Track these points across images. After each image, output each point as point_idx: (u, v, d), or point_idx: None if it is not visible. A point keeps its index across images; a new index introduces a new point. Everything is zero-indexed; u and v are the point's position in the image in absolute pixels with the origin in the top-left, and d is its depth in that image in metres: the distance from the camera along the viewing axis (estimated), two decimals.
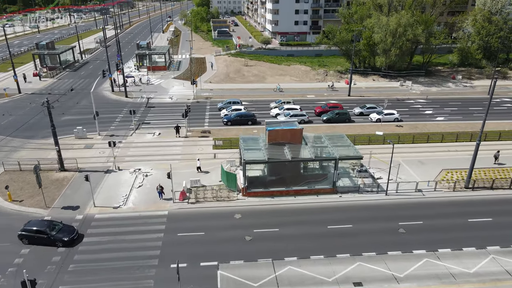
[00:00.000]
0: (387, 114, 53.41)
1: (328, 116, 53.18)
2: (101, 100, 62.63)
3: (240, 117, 52.56)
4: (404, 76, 77.83)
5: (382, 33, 71.17)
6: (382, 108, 56.42)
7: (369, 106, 56.73)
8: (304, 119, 52.48)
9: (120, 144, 44.94)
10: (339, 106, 56.66)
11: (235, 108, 54.87)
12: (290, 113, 52.43)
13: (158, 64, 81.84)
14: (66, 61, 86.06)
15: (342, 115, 53.24)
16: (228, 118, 52.29)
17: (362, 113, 56.12)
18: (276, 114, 54.21)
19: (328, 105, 56.49)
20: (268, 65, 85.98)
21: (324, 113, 55.18)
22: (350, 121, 53.65)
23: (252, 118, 52.55)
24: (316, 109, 56.36)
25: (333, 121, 52.85)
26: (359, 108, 56.83)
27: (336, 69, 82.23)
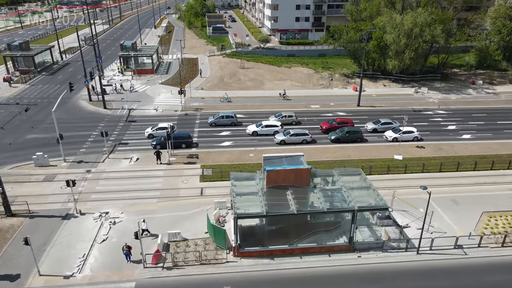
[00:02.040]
0: (405, 132, 45.71)
1: (337, 135, 45.50)
2: (76, 111, 54.74)
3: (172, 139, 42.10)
4: (418, 81, 70.00)
5: (395, 33, 63.13)
6: (398, 124, 48.77)
7: (384, 121, 49.04)
8: (307, 139, 44.85)
9: (88, 175, 37.23)
10: (350, 121, 48.97)
11: (162, 126, 45.33)
12: (290, 132, 44.83)
13: (145, 67, 73.73)
14: (44, 63, 77.83)
15: (353, 134, 45.53)
16: (157, 141, 42.65)
17: (376, 129, 48.46)
18: (253, 131, 46.56)
19: (336, 121, 48.82)
20: (267, 68, 77.91)
21: (332, 130, 47.57)
22: (363, 140, 45.97)
23: (187, 140, 43.39)
24: (322, 125, 48.71)
25: (342, 141, 45.21)
26: (373, 124, 49.15)
27: (342, 72, 74.23)
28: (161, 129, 45.29)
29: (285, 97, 60.59)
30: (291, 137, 44.46)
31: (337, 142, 45.20)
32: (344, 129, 45.87)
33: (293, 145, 44.13)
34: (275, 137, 45.02)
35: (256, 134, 46.57)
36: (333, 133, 46.27)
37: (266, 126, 46.83)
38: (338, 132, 45.94)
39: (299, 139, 44.58)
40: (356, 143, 45.26)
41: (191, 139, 44.18)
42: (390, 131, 46.88)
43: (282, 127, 47.15)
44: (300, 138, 44.56)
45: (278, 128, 46.71)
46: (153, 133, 45.51)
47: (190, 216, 30.96)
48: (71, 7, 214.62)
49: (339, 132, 45.81)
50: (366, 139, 46.47)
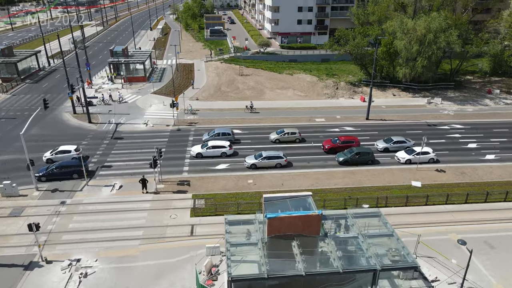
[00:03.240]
0: (420, 153, 40.67)
1: (345, 156, 40.54)
2: (57, 126, 49.82)
3: (60, 169, 35.98)
4: (430, 90, 65.11)
5: (406, 39, 58.25)
6: (412, 143, 43.91)
7: (396, 139, 44.09)
8: (281, 162, 39.51)
9: (62, 208, 32.34)
10: (355, 140, 43.89)
11: (63, 149, 39.36)
12: (262, 155, 39.50)
13: (137, 74, 68.77)
14: (29, 69, 72.92)
15: (364, 156, 40.54)
16: (42, 172, 35.99)
17: (387, 149, 43.61)
18: (197, 153, 41.17)
19: (340, 139, 43.68)
20: (267, 75, 72.98)
21: (335, 149, 42.66)
22: (374, 162, 41.13)
23: (78, 168, 35.95)
24: (324, 145, 43.64)
25: (351, 163, 40.32)
26: (384, 143, 44.24)
27: (348, 80, 69.31)
28: (62, 152, 38.99)
29: (253, 110, 54.90)
30: (263, 160, 39.05)
31: (346, 165, 40.28)
32: (353, 150, 40.84)
33: (264, 170, 39.06)
34: (245, 160, 39.63)
35: (201, 156, 41.05)
36: (341, 154, 41.36)
37: (212, 147, 41.03)
38: (346, 153, 41.00)
39: (272, 163, 39.20)
40: (367, 165, 40.39)
41: (82, 167, 35.34)
42: (403, 151, 41.94)
43: (231, 147, 41.67)
44: (273, 161, 39.17)
45: (226, 149, 41.18)
46: (52, 158, 39.09)
47: (176, 265, 26.08)
48: (65, 7, 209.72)
49: (348, 153, 40.86)
50: (378, 160, 41.57)
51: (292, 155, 41.95)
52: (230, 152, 41.42)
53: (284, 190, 35.32)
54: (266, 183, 36.61)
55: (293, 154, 42.17)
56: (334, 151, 42.72)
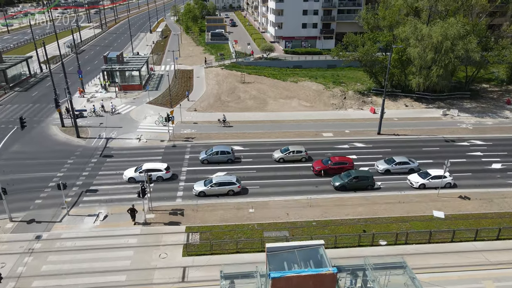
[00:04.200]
0: (436, 177, 36.52)
1: (342, 181, 36.08)
2: (43, 141, 45.92)
3: None
4: (444, 100, 60.86)
5: (420, 46, 54.08)
6: (416, 164, 39.76)
7: (399, 160, 39.63)
8: (234, 189, 35.00)
9: (36, 244, 28.41)
10: (349, 161, 39.34)
11: None
12: (213, 180, 35.06)
13: (132, 81, 64.87)
14: (20, 76, 69.24)
15: (363, 180, 36.14)
16: None
17: (389, 170, 39.29)
18: (129, 178, 36.57)
19: (332, 160, 39.20)
20: (270, 82, 68.94)
21: (327, 171, 38.41)
22: (373, 187, 36.66)
23: None
24: (314, 166, 39.23)
25: (349, 189, 35.94)
26: (385, 163, 39.78)
27: (356, 89, 65.19)
28: None
29: (226, 124, 50.61)
30: (214, 187, 34.64)
31: (343, 191, 35.89)
32: (350, 174, 36.39)
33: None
34: (194, 187, 35.03)
35: (134, 181, 36.31)
36: (337, 178, 36.85)
37: (146, 171, 34.51)
38: (343, 177, 36.51)
39: (224, 190, 34.80)
40: (366, 191, 36.02)
41: None
42: (416, 175, 37.60)
43: (169, 170, 37.08)
44: (226, 188, 34.73)
45: (162, 173, 36.59)
46: None
47: None
48: (65, 7, 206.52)
49: (345, 177, 36.37)
50: (379, 185, 37.10)
51: (283, 177, 37.95)
52: (167, 176, 36.67)
53: (290, 222, 31.34)
54: (269, 213, 32.58)
55: (285, 177, 38.17)
56: (325, 174, 38.44)
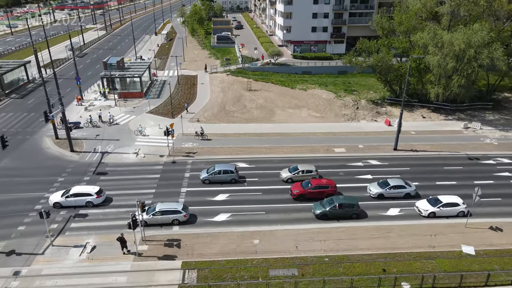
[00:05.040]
0: (447, 204, 32.59)
1: (323, 209, 32.05)
2: (34, 155, 42.86)
3: None
4: (464, 111, 56.78)
5: (440, 54, 50.20)
6: (413, 188, 35.75)
7: (394, 184, 35.56)
8: (179, 218, 31.08)
9: (13, 282, 25.26)
10: (331, 184, 35.24)
11: None
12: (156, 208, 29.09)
13: (134, 88, 61.77)
14: (18, 81, 66.57)
15: (347, 208, 32.14)
16: None
17: (382, 195, 35.33)
18: (54, 203, 32.76)
19: (312, 183, 35.19)
20: (278, 90, 65.40)
21: (305, 196, 34.59)
22: (360, 215, 32.61)
23: None
24: (293, 190, 35.24)
25: (331, 217, 32.02)
26: (378, 187, 35.73)
27: (369, 98, 61.42)
28: None
29: (204, 137, 47.01)
30: (156, 216, 30.82)
31: (325, 220, 31.92)
32: (333, 200, 32.38)
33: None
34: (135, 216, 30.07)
35: (60, 207, 32.79)
36: (318, 205, 32.87)
37: (74, 195, 32.59)
38: (325, 203, 32.49)
39: (168, 219, 31.08)
40: (351, 220, 32.00)
41: None
42: (425, 202, 33.52)
43: (100, 195, 33.13)
44: (169, 217, 31.01)
45: (92, 198, 32.66)
46: None
47: None
48: (72, 7, 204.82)
49: (327, 204, 32.33)
50: (366, 212, 32.97)
51: (291, 201, 34.35)
52: (98, 201, 32.76)
53: (299, 257, 27.81)
54: (276, 245, 29.05)
55: (293, 200, 34.56)
56: (304, 198, 34.72)
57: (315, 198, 34.20)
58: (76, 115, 54.05)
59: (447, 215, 32.62)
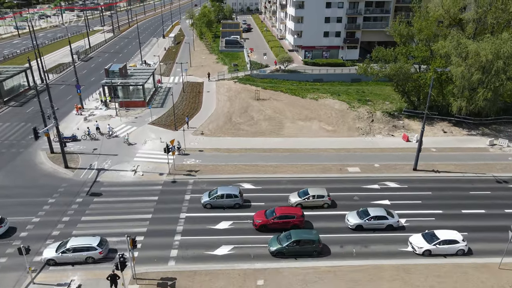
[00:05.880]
0: (445, 241, 28.71)
1: (279, 246, 28.37)
2: (27, 171, 40.20)
3: None
4: (489, 125, 52.68)
5: (465, 65, 46.26)
6: (396, 219, 31.81)
7: (374, 214, 31.72)
8: (94, 255, 27.28)
9: None
10: (297, 214, 31.46)
11: None
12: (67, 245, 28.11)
13: (138, 96, 58.89)
14: (18, 88, 64.36)
15: (305, 245, 28.34)
16: None
17: (361, 226, 31.53)
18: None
19: (276, 212, 31.51)
20: (288, 99, 61.98)
21: (267, 226, 30.99)
22: (321, 253, 28.75)
23: None
24: (255, 219, 31.65)
25: (287, 255, 28.37)
26: (357, 217, 31.87)
27: (385, 109, 57.61)
28: None
29: (181, 152, 43.77)
30: (66, 254, 26.93)
31: (281, 257, 28.25)
32: (290, 236, 28.66)
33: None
34: (43, 254, 27.39)
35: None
36: (274, 240, 29.13)
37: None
38: (282, 239, 28.76)
39: (81, 257, 27.13)
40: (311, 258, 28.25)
41: None
42: (420, 237, 29.52)
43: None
44: (83, 255, 27.06)
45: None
46: None
47: None
48: (82, 8, 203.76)
49: (284, 239, 28.62)
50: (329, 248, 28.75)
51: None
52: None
53: None
54: (282, 287, 25.78)
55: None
56: (267, 229, 31.02)
57: (280, 229, 30.56)
58: (75, 125, 51.51)
59: (444, 254, 28.85)
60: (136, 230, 31.09)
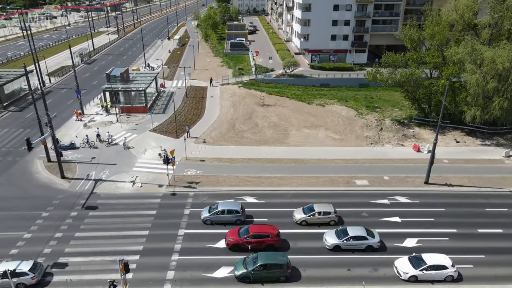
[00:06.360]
0: (432, 267, 26.46)
1: (245, 270, 26.31)
2: (22, 182, 38.85)
3: None
4: (504, 134, 50.34)
5: (480, 72, 44.09)
6: (376, 240, 29.52)
7: (353, 234, 29.46)
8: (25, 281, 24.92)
9: None
10: (271, 233, 29.32)
11: None
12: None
13: (140, 101, 57.36)
14: (19, 92, 63.30)
15: (273, 269, 26.19)
16: None
17: (339, 246, 29.35)
18: None
19: (250, 231, 29.50)
20: (294, 105, 60.13)
21: (240, 246, 29.08)
22: (290, 278, 26.51)
23: None
24: (227, 237, 29.70)
25: (254, 280, 26.14)
26: (335, 237, 29.69)
27: (394, 117, 55.56)
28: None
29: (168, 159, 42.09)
30: None
31: (246, 282, 26.12)
32: (257, 260, 26.52)
33: None
34: None
35: None
36: (240, 264, 27.04)
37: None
38: (249, 262, 26.68)
39: (8, 284, 23.98)
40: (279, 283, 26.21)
41: None
42: (406, 261, 27.19)
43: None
44: (13, 281, 23.89)
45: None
46: None
47: None
48: (88, 7, 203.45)
49: (251, 263, 26.53)
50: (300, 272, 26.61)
51: (306, 252, 28.93)
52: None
53: None
54: None
55: (308, 251, 29.14)
56: (240, 249, 29.02)
57: (254, 249, 28.63)
58: (74, 132, 50.17)
59: (431, 280, 26.72)
60: (132, 248, 29.51)
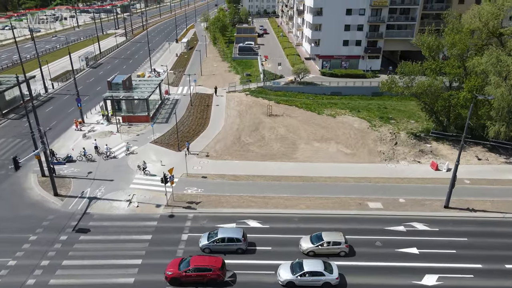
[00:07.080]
0: None
1: None
2: (13, 199, 36.70)
3: None
4: None
5: (505, 85, 40.61)
6: (334, 276, 26.21)
7: (309, 268, 26.34)
8: None
9: None
10: (214, 267, 26.46)
11: None
12: None
13: (143, 110, 54.96)
14: (20, 98, 61.50)
15: None
16: None
17: (293, 283, 26.25)
18: None
19: (192, 263, 26.85)
20: (303, 116, 57.14)
21: (180, 280, 26.32)
22: None
23: None
24: (167, 269, 26.93)
25: None
26: (289, 271, 26.69)
27: (410, 129, 52.27)
28: None
29: (146, 173, 40.88)
30: None
31: None
32: None
33: None
34: None
35: None
36: None
37: None
38: None
39: None
40: None
41: None
42: None
43: None
44: None
45: None
46: None
47: None
48: (98, 6, 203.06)
49: None
50: None
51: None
52: None
53: None
54: None
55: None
56: (180, 283, 26.48)
57: (195, 283, 26.10)
58: (72, 143, 48.03)
59: None
60: (122, 280, 27.01)
